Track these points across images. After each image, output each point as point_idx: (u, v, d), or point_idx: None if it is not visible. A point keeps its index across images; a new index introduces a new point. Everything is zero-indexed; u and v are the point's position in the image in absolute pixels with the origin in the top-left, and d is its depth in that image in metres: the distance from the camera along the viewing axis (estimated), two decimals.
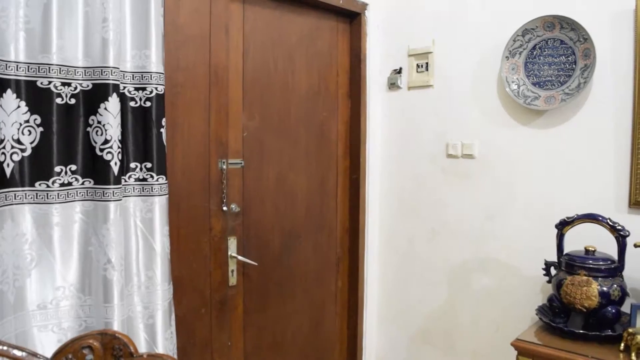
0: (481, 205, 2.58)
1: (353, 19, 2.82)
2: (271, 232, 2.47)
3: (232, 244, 2.32)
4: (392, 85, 2.86)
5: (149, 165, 1.75)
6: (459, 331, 2.68)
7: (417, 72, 2.78)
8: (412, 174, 2.82)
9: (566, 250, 2.13)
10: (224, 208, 2.22)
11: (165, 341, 1.81)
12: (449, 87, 2.68)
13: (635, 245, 2.01)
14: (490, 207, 2.55)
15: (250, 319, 2.42)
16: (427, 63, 2.74)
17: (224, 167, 2.22)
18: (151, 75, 1.74)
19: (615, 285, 1.96)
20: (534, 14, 2.35)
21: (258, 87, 2.40)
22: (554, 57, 2.35)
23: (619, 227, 1.98)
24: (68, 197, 1.61)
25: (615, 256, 2.03)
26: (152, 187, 1.74)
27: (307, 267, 2.66)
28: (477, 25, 2.57)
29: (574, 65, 2.30)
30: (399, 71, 2.83)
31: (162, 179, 1.77)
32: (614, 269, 1.99)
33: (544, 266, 2.20)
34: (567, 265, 2.04)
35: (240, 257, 2.30)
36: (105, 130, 1.60)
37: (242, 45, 2.34)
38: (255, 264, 2.36)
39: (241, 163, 2.34)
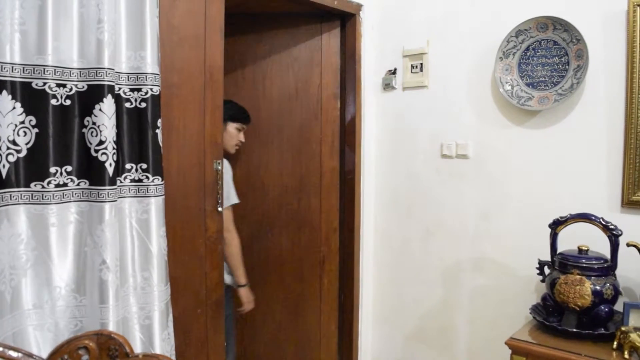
0: (475, 205, 2.60)
1: (347, 19, 2.83)
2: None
3: None
4: (387, 85, 2.87)
5: (144, 166, 1.75)
6: (454, 330, 2.69)
7: (411, 72, 2.79)
8: (407, 174, 2.83)
9: (560, 249, 2.14)
10: (219, 209, 2.23)
11: (162, 342, 1.81)
12: (443, 88, 2.69)
13: (628, 245, 2.04)
14: (485, 207, 2.57)
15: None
16: (421, 64, 2.75)
17: (219, 168, 2.22)
18: (146, 76, 1.75)
19: (608, 284, 1.98)
20: (528, 15, 2.36)
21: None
22: (547, 58, 2.37)
23: (612, 227, 2.00)
24: (63, 197, 1.61)
25: (608, 255, 2.05)
26: (147, 188, 1.75)
27: (285, 264, 2.71)
28: (471, 26, 2.58)
29: (567, 66, 2.31)
30: (394, 72, 2.85)
31: (158, 180, 1.78)
32: (607, 268, 2.01)
33: (537, 265, 2.21)
34: (560, 264, 2.06)
35: None
36: (101, 131, 1.60)
37: None
38: None
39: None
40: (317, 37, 2.80)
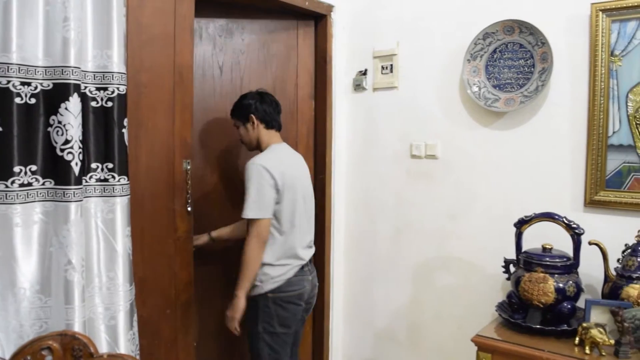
0: (444, 205, 2.64)
1: (319, 20, 2.85)
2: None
3: None
4: (358, 86, 2.89)
5: (110, 165, 1.74)
6: (423, 328, 2.73)
7: (382, 73, 2.82)
8: (377, 174, 2.86)
9: (525, 248, 2.19)
10: (189, 209, 2.22)
11: (127, 342, 1.80)
12: (413, 89, 2.72)
13: (590, 243, 2.09)
14: (453, 206, 2.61)
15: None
16: (391, 65, 2.78)
17: (189, 167, 2.22)
18: (113, 75, 1.74)
19: (570, 282, 2.03)
20: (495, 18, 2.41)
21: (205, 89, 2.47)
22: (513, 60, 2.42)
23: (574, 226, 2.05)
24: (28, 197, 1.59)
25: (571, 253, 2.10)
26: (113, 188, 1.74)
27: None
28: (440, 28, 2.62)
29: (532, 69, 2.37)
30: (364, 73, 2.87)
31: (124, 180, 1.77)
32: (570, 265, 2.06)
33: (503, 264, 2.25)
34: (525, 262, 2.11)
35: None
36: (66, 130, 1.58)
37: None
38: None
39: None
40: (293, 36, 2.80)
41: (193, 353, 2.31)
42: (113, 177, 1.74)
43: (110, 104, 1.74)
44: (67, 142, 1.59)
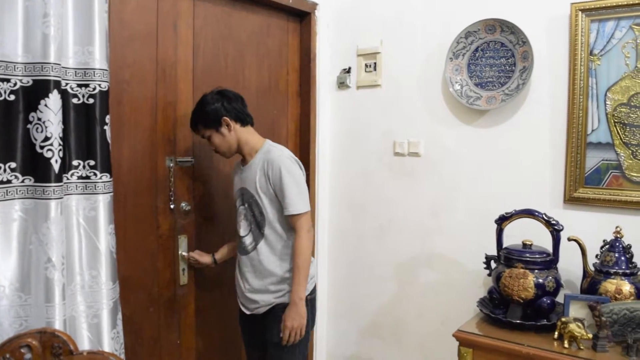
0: (427, 203, 2.66)
1: (303, 18, 2.85)
2: (223, 230, 2.47)
3: (183, 243, 2.31)
4: (342, 84, 2.90)
5: (92, 163, 1.72)
6: (406, 324, 2.75)
7: (365, 71, 2.83)
8: (361, 172, 2.87)
9: (507, 244, 2.21)
10: (172, 206, 2.22)
11: (111, 341, 1.79)
12: (396, 87, 2.74)
13: (569, 239, 2.12)
14: (436, 204, 2.63)
15: (203, 317, 2.42)
16: (375, 63, 2.79)
17: (172, 164, 2.21)
18: (94, 71, 1.72)
19: (550, 277, 2.06)
20: (477, 17, 2.43)
21: (209, 84, 2.39)
22: (495, 59, 2.44)
23: (554, 222, 2.08)
24: (7, 195, 1.57)
25: (551, 249, 2.12)
26: (95, 185, 1.72)
27: None
28: (423, 27, 2.64)
29: (513, 67, 2.39)
30: (348, 71, 2.88)
31: (106, 177, 1.75)
32: (549, 261, 2.09)
33: (484, 260, 2.28)
34: (505, 258, 2.13)
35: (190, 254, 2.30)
36: (46, 127, 1.57)
37: (192, 41, 2.34)
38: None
39: (191, 161, 2.33)
40: (285, 33, 2.80)
41: (176, 351, 2.31)
42: (95, 174, 1.73)
43: (91, 100, 1.72)
44: (46, 139, 1.57)
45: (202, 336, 2.43)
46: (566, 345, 1.90)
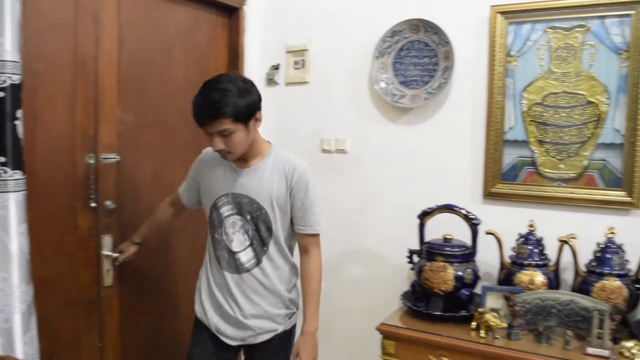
0: (354, 199, 2.70)
1: (232, 13, 2.82)
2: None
3: (107, 242, 2.23)
4: (270, 81, 2.89)
5: (2, 159, 1.63)
6: (335, 319, 2.78)
7: (294, 68, 2.84)
8: None
9: (430, 238, 2.28)
10: (92, 205, 2.14)
11: (24, 345, 1.70)
12: (324, 84, 2.76)
13: (487, 233, 2.21)
14: (362, 200, 2.68)
15: (130, 319, 2.35)
16: (303, 60, 2.80)
17: (92, 162, 2.13)
18: (5, 63, 1.63)
19: (469, 270, 2.14)
20: (403, 16, 2.48)
21: (135, 79, 2.33)
22: (419, 58, 2.51)
23: (472, 217, 2.16)
24: None
25: (470, 243, 2.21)
26: (6, 183, 1.64)
27: (185, 265, 2.62)
28: (351, 24, 2.67)
29: (436, 67, 2.46)
30: (277, 67, 2.88)
31: (19, 174, 1.67)
32: (468, 254, 2.17)
33: (407, 254, 2.34)
34: (427, 252, 2.20)
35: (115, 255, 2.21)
36: None
37: (117, 34, 2.25)
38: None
39: (116, 158, 2.26)
40: (213, 27, 2.75)
41: (98, 354, 2.24)
42: (5, 171, 1.64)
43: (2, 94, 1.63)
44: None
45: (127, 338, 2.36)
46: (483, 334, 1.98)
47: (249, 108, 1.77)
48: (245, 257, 1.89)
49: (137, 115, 2.35)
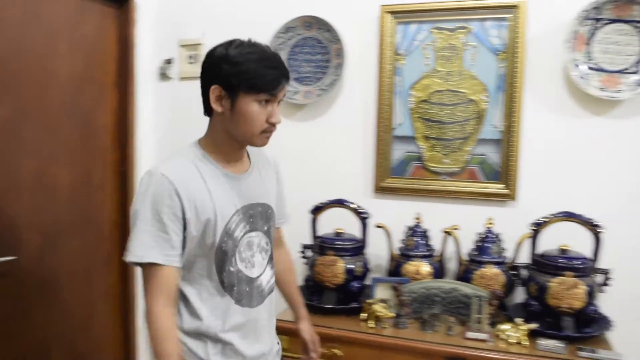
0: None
1: (122, 4, 2.70)
2: (29, 230, 2.26)
3: None
4: (163, 75, 2.81)
5: None
6: None
7: (188, 63, 2.77)
8: None
9: (322, 233, 2.31)
10: None
11: None
12: None
13: (377, 226, 2.27)
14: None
15: (6, 326, 2.19)
16: (197, 54, 2.74)
17: None
18: None
19: (359, 263, 2.19)
20: (297, 13, 2.49)
21: (9, 71, 2.17)
22: (312, 55, 2.53)
23: (361, 211, 2.22)
24: None
25: (361, 236, 2.26)
26: None
27: (74, 266, 2.49)
28: (246, 20, 2.64)
29: (329, 64, 2.50)
30: (170, 61, 2.80)
31: None
32: (359, 247, 2.23)
33: (301, 249, 2.36)
34: (319, 247, 2.23)
35: None
36: None
37: None
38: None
39: None
40: (102, 19, 2.61)
41: None
42: None
43: None
44: None
45: (6, 346, 2.20)
46: (372, 325, 2.04)
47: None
48: (266, 278, 1.51)
49: (13, 109, 2.19)
